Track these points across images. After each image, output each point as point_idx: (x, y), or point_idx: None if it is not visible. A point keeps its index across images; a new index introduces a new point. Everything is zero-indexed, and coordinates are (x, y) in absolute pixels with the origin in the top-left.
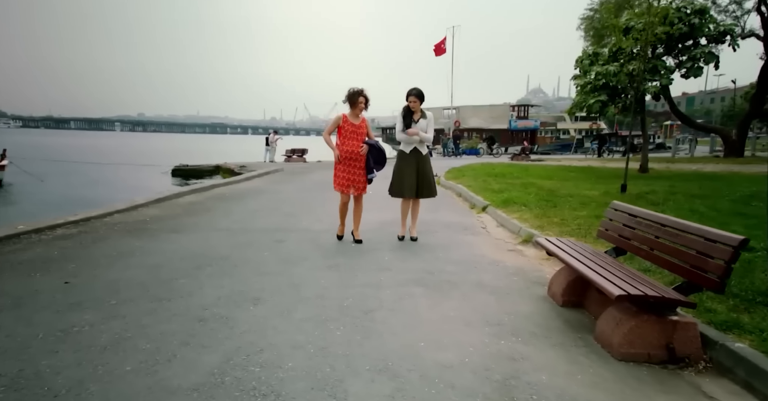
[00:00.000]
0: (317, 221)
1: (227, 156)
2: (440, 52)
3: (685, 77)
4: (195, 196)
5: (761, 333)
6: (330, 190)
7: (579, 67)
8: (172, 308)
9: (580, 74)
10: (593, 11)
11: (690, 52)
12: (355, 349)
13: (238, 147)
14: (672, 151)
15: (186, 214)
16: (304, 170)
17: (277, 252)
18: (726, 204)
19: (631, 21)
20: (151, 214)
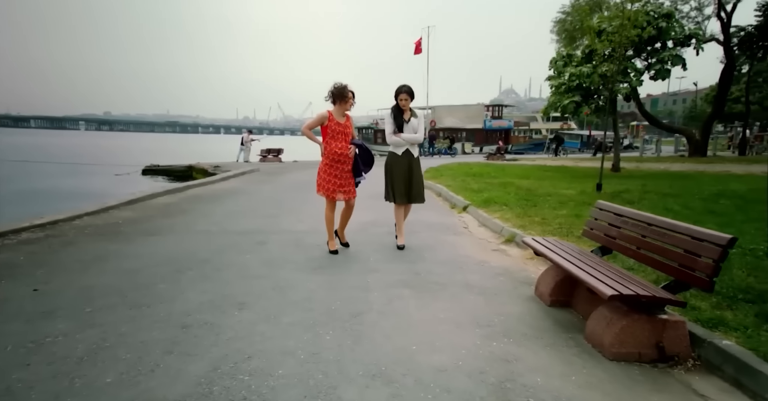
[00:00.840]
0: (298, 222)
1: (200, 156)
2: (416, 52)
3: (654, 79)
4: (170, 197)
5: (746, 329)
6: (310, 190)
7: (553, 68)
8: (153, 315)
9: (554, 75)
10: (565, 14)
11: (658, 54)
12: (347, 354)
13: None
14: (640, 150)
15: (161, 216)
16: (281, 170)
17: (260, 254)
18: (697, 203)
19: (603, 23)
20: (123, 216)
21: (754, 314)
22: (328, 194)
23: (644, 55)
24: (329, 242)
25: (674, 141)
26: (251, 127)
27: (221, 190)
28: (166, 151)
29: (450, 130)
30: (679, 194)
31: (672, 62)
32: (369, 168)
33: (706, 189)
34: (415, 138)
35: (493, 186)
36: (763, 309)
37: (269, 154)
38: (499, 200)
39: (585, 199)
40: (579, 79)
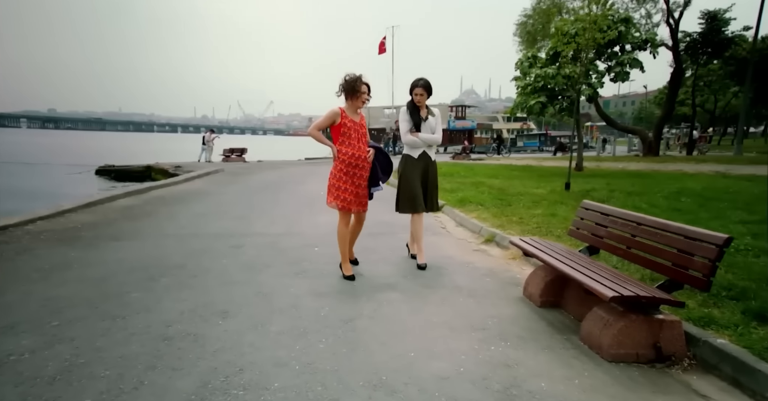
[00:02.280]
0: (272, 224)
1: (157, 155)
2: (381, 52)
3: (614, 81)
4: (130, 199)
5: (736, 327)
6: (280, 190)
7: (519, 69)
8: (129, 327)
9: (520, 76)
10: (527, 17)
11: (618, 57)
12: (344, 363)
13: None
14: (597, 150)
15: (124, 219)
16: (246, 170)
17: (237, 258)
18: (661, 201)
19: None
20: (82, 220)
21: (740, 311)
22: (345, 206)
23: (605, 58)
24: (343, 265)
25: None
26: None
27: (186, 192)
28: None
29: None
30: (642, 192)
31: (631, 65)
32: (387, 176)
33: (666, 187)
34: (433, 138)
35: (466, 185)
36: (749, 306)
37: (232, 154)
38: (474, 200)
39: (557, 198)
40: (544, 80)
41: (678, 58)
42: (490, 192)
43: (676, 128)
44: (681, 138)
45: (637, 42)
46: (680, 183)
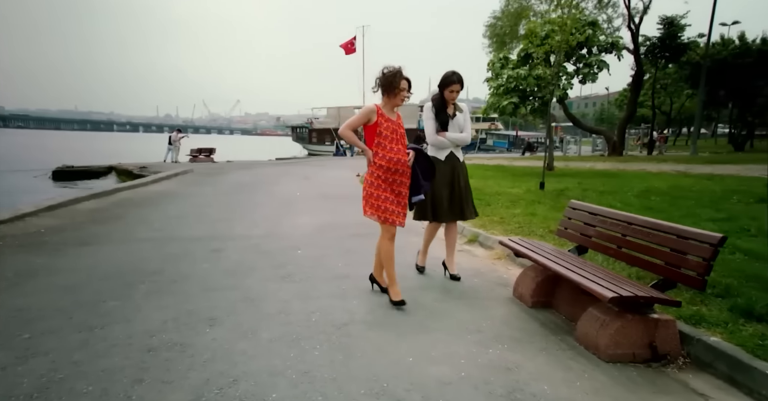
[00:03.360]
0: (253, 227)
1: (119, 156)
2: (350, 52)
3: (583, 82)
4: (96, 201)
5: (726, 325)
6: (256, 191)
7: (491, 69)
8: (109, 338)
9: (492, 77)
10: (496, 19)
11: (586, 59)
12: (342, 371)
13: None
14: (563, 150)
15: (92, 223)
16: (217, 171)
17: (219, 263)
18: (633, 200)
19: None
20: (45, 224)
21: (727, 308)
22: (389, 218)
23: (573, 60)
24: (390, 289)
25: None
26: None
27: (155, 193)
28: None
29: None
30: (613, 191)
31: (598, 67)
32: (429, 183)
33: (634, 186)
34: (462, 138)
35: None
36: (735, 303)
37: (200, 154)
38: None
39: (533, 198)
40: (516, 81)
41: (639, 61)
42: None
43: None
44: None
45: (604, 45)
46: (647, 182)
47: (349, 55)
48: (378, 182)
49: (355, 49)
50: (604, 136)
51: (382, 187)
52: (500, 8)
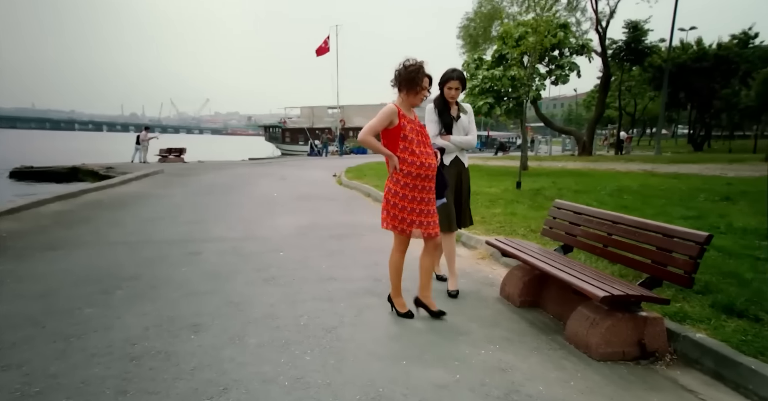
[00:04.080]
0: (230, 229)
1: (82, 156)
2: (323, 51)
3: (555, 84)
4: (62, 203)
5: (709, 321)
6: (231, 192)
7: (466, 70)
8: (88, 347)
9: (467, 77)
10: (469, 21)
11: (558, 61)
12: (336, 376)
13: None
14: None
15: (59, 227)
16: (189, 171)
17: (198, 266)
18: (607, 198)
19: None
20: (6, 228)
21: (708, 305)
22: (404, 228)
23: (546, 62)
24: (394, 299)
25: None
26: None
27: (125, 195)
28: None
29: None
30: (587, 190)
31: (570, 68)
32: (446, 187)
33: (607, 185)
34: (468, 141)
35: None
36: (716, 299)
37: (170, 154)
38: None
39: (511, 197)
40: (491, 81)
41: (606, 63)
42: None
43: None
44: (608, 138)
45: (575, 47)
46: (618, 181)
47: (322, 55)
48: (405, 191)
49: (329, 49)
50: (574, 136)
51: (409, 197)
52: (473, 10)
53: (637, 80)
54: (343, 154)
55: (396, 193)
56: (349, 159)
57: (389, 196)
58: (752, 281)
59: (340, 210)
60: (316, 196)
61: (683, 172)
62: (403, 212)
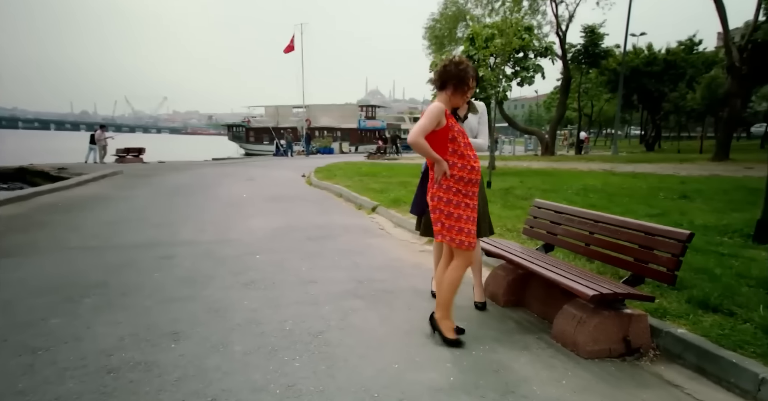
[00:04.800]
0: (201, 231)
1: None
2: (289, 49)
3: (521, 85)
4: (12, 206)
5: (687, 316)
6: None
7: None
8: (59, 360)
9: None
10: (435, 22)
11: (523, 63)
12: (328, 382)
13: (42, 145)
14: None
15: (10, 231)
16: (150, 172)
17: (171, 271)
18: (574, 197)
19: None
20: None
21: (685, 300)
22: (470, 240)
23: (512, 63)
24: (443, 321)
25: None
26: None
27: (83, 197)
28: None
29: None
30: (555, 189)
31: (534, 70)
32: None
33: (572, 184)
34: (478, 144)
35: (393, 185)
36: (692, 295)
37: (128, 154)
38: (407, 200)
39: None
40: None
41: (567, 65)
42: None
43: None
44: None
45: (539, 50)
46: (582, 180)
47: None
48: (457, 198)
49: (294, 47)
50: (537, 136)
51: (462, 205)
52: (438, 11)
53: (593, 83)
54: (309, 153)
55: (449, 201)
56: (316, 159)
57: (441, 206)
58: (721, 276)
59: (313, 212)
60: (287, 197)
61: (640, 171)
62: (459, 222)
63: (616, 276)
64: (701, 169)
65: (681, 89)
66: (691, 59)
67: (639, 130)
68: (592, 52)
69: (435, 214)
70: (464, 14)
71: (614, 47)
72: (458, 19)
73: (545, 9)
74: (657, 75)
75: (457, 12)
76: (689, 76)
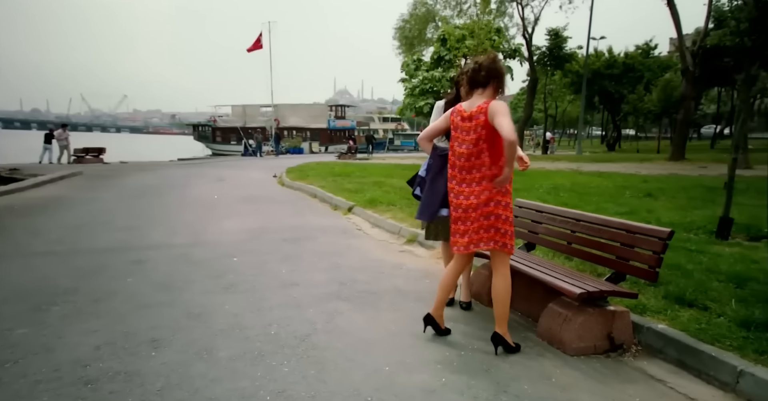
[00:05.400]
0: (173, 234)
1: None
2: (256, 48)
3: None
4: None
5: (666, 311)
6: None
7: (405, 71)
8: (30, 373)
9: (406, 78)
10: (405, 22)
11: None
12: (319, 387)
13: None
14: None
15: None
16: (113, 173)
17: (145, 276)
18: (546, 196)
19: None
20: None
21: (662, 296)
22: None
23: None
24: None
25: None
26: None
27: (41, 199)
28: None
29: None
30: (526, 189)
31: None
32: None
33: (542, 183)
34: None
35: (368, 185)
36: (667, 290)
37: (87, 154)
38: (383, 200)
39: None
40: (431, 82)
41: (533, 67)
42: (395, 191)
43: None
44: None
45: (508, 51)
46: (551, 179)
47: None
48: (507, 199)
49: (262, 46)
50: None
51: (509, 206)
52: (408, 12)
53: (558, 84)
54: (279, 154)
55: (507, 204)
56: (286, 159)
57: (500, 210)
58: (693, 272)
59: (288, 213)
60: (260, 198)
61: (605, 171)
62: (512, 225)
63: (595, 273)
64: (660, 168)
65: (639, 91)
66: (648, 63)
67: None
68: (557, 54)
69: (489, 220)
70: (433, 15)
71: (577, 49)
72: (428, 20)
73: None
74: (617, 77)
75: (426, 13)
76: (647, 79)
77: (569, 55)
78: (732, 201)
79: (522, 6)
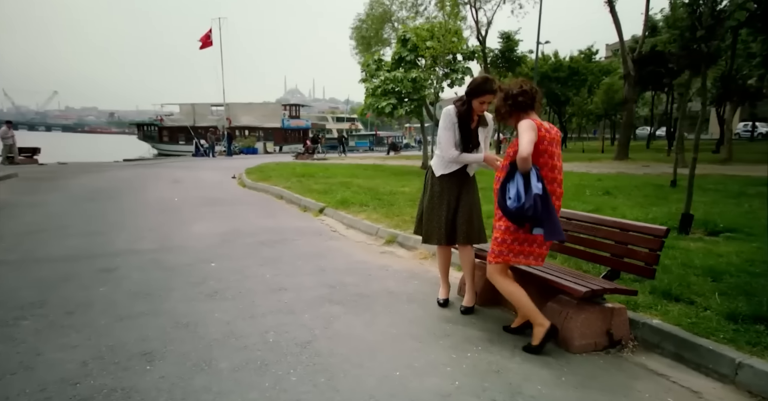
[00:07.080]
0: (139, 239)
1: None
2: (206, 45)
3: (451, 86)
4: None
5: (656, 307)
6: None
7: (366, 71)
8: (12, 395)
9: (367, 78)
10: (361, 22)
11: (453, 65)
12: (333, 396)
13: None
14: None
15: None
16: (54, 175)
17: (119, 285)
18: None
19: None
20: None
21: (649, 292)
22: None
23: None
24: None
25: None
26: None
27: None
28: None
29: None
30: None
31: (463, 72)
32: None
33: None
34: (475, 159)
35: (335, 186)
36: (653, 286)
37: (20, 154)
38: (355, 200)
39: None
40: (393, 83)
41: (487, 69)
42: (364, 192)
43: None
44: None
45: (467, 53)
46: None
47: (204, 48)
48: None
49: (212, 43)
50: None
51: None
52: (365, 11)
53: None
54: (231, 154)
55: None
56: (240, 159)
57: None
58: (671, 267)
59: (258, 215)
60: (224, 200)
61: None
62: None
63: (585, 270)
64: (609, 167)
65: (583, 94)
66: (590, 67)
67: None
68: (509, 57)
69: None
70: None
71: (528, 52)
72: (384, 21)
73: (466, 14)
74: (563, 80)
75: (383, 13)
76: (589, 82)
77: (520, 58)
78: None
79: (476, 9)
